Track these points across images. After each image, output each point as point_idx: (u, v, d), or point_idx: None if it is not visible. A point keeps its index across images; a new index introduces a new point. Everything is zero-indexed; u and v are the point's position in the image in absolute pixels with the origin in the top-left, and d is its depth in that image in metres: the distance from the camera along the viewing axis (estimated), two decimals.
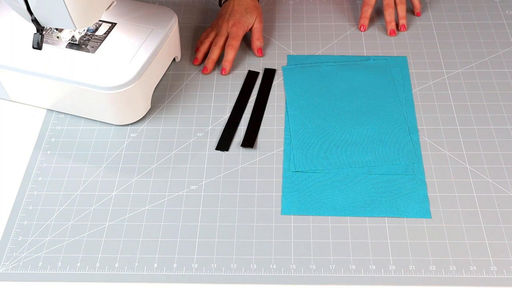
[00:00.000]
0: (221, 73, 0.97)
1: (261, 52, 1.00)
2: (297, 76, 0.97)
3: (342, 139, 0.87)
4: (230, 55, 0.97)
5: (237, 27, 0.98)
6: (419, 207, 0.79)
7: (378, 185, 0.81)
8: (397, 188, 0.81)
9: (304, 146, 0.86)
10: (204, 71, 0.97)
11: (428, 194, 0.80)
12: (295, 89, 0.94)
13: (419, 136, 0.87)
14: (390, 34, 1.02)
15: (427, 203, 0.79)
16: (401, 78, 0.94)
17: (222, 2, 1.04)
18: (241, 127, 0.90)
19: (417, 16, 1.06)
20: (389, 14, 1.03)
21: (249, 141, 0.88)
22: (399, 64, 0.96)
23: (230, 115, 0.91)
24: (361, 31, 1.03)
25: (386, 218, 0.78)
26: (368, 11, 1.04)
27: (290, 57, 1.00)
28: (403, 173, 0.82)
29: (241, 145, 0.87)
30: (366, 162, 0.84)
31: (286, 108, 0.92)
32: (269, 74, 0.97)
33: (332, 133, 0.88)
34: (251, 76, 0.97)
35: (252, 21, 1.00)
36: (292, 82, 0.96)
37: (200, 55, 0.99)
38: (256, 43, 1.00)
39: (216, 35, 0.99)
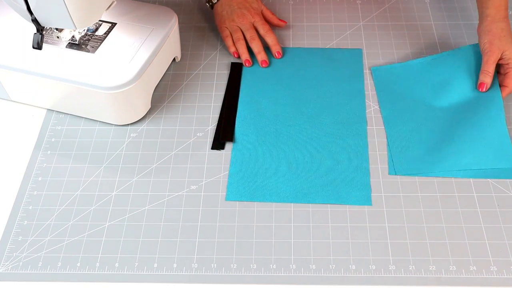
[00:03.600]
0: (276, 57, 0.98)
1: (280, 55, 0.99)
2: (387, 77, 0.96)
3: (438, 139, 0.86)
4: (272, 39, 0.99)
5: (254, 13, 1.00)
6: (361, 194, 0.80)
7: (322, 173, 0.83)
8: (340, 176, 0.82)
9: (403, 149, 0.86)
10: (264, 64, 0.97)
11: (428, 194, 0.80)
12: (385, 91, 0.94)
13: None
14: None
15: (369, 190, 0.80)
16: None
17: (214, 2, 1.02)
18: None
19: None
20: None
21: (226, 137, 0.87)
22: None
23: (225, 110, 0.91)
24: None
25: (386, 218, 0.78)
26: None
27: (374, 69, 0.97)
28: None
29: (211, 148, 0.87)
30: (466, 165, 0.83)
31: (381, 110, 0.91)
32: (237, 68, 0.98)
33: (429, 132, 0.87)
34: (236, 68, 0.98)
35: (257, 5, 1.02)
36: (382, 84, 0.95)
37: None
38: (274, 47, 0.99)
39: (244, 31, 0.98)
